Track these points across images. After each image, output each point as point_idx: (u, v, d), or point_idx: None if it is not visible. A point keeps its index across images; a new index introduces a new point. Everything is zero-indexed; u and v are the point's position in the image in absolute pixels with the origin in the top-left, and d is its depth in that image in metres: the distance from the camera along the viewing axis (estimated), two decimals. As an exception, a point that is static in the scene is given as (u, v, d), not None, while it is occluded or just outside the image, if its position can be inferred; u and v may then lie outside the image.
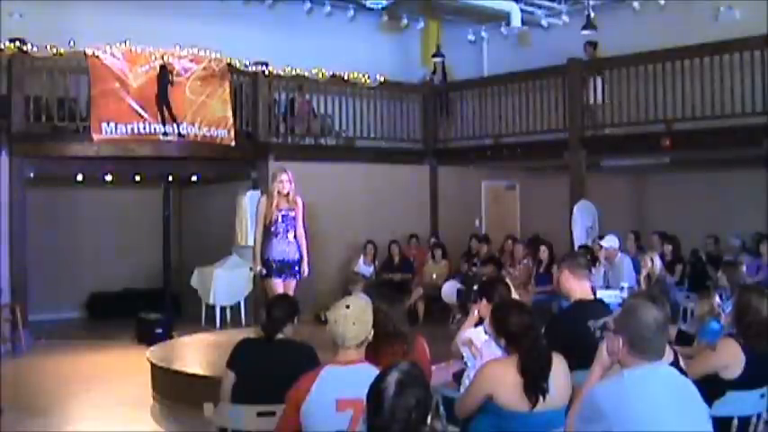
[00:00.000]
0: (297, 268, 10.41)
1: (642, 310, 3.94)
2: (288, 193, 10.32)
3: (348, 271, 16.22)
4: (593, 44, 16.81)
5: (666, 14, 16.82)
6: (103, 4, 15.83)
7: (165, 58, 14.32)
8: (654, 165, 16.52)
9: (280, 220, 10.28)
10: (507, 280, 7.48)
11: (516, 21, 18.19)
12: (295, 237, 10.39)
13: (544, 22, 19.20)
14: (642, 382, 3.81)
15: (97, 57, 13.89)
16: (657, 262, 11.58)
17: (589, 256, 12.92)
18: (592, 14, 17.08)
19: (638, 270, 12.06)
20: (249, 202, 15.41)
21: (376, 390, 3.28)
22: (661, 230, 14.52)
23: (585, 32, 16.94)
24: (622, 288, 11.52)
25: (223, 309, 15.54)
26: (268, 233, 10.33)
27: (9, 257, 13.64)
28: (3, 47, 13.63)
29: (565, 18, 18.82)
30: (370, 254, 16.15)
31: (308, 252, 10.61)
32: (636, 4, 17.48)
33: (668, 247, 13.72)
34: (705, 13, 16.25)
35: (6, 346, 13.20)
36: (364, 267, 16.10)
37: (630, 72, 15.52)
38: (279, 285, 10.15)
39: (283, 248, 10.29)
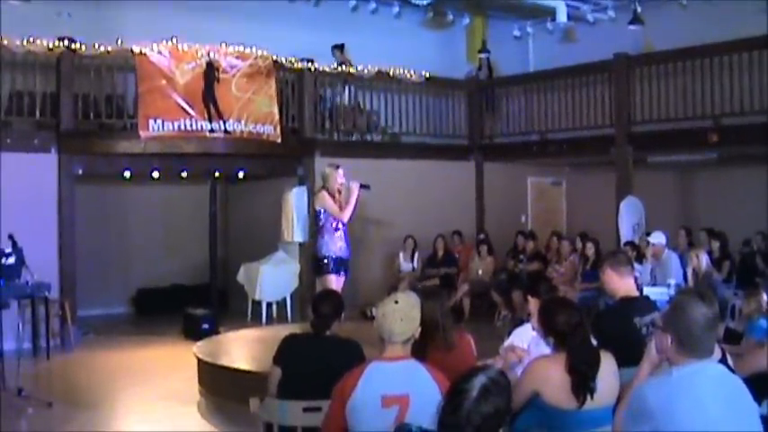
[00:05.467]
0: (347, 266, 10.47)
1: (691, 307, 3.86)
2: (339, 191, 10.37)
3: (393, 269, 16.23)
4: (339, 47, 16.62)
5: (714, 8, 16.62)
6: (150, 3, 15.92)
7: (212, 55, 14.36)
8: (701, 160, 16.38)
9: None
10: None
11: (562, 16, 18.07)
12: (345, 234, 10.43)
13: (590, 17, 19.05)
14: (691, 380, 3.75)
15: (144, 54, 13.98)
16: (704, 258, 11.50)
17: (635, 253, 12.88)
18: (638, 9, 16.96)
19: (685, 267, 11.98)
20: (295, 198, 15.46)
21: (459, 389, 3.24)
22: (708, 227, 14.39)
23: (632, 27, 16.83)
24: (669, 285, 11.43)
25: (269, 304, 15.64)
26: (324, 230, 10.36)
27: (58, 254, 13.79)
28: (51, 46, 13.75)
29: (611, 13, 18.70)
30: (410, 249, 16.08)
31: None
32: (683, -2, 17.36)
33: (716, 244, 13.57)
34: (754, 7, 16.05)
35: (56, 341, 13.33)
36: (404, 263, 16.08)
37: (678, 67, 15.40)
38: (334, 281, 10.16)
39: (341, 246, 10.34)
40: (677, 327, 3.88)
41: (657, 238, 13.05)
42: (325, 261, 10.31)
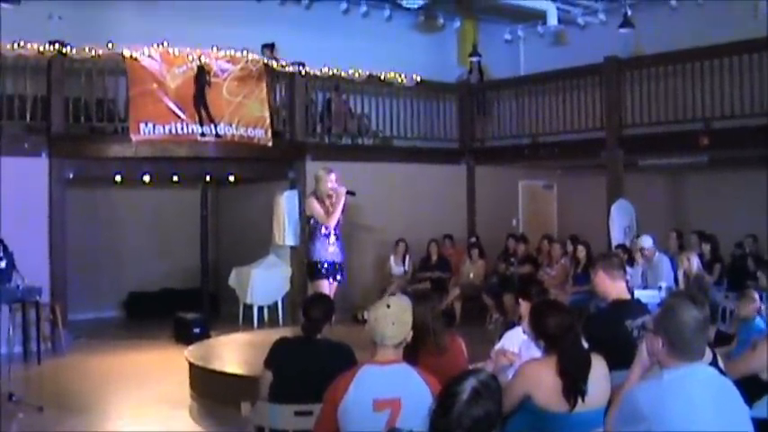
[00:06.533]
0: (341, 271, 10.42)
1: (682, 309, 3.86)
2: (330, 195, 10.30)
3: (384, 272, 16.22)
4: (269, 46, 16.47)
5: (704, 11, 16.69)
6: (141, 6, 15.96)
7: (203, 58, 14.35)
8: (692, 163, 16.38)
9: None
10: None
11: (553, 19, 18.09)
12: (338, 239, 10.39)
13: (581, 21, 19.11)
14: (682, 382, 3.76)
15: (135, 58, 13.96)
16: (695, 261, 11.49)
17: (626, 256, 12.86)
18: (629, 12, 16.97)
19: (676, 270, 11.97)
20: (286, 201, 15.45)
21: (450, 392, 3.23)
22: (699, 230, 14.39)
23: (623, 30, 16.85)
24: (660, 288, 11.43)
25: (260, 308, 15.56)
26: (315, 235, 10.29)
27: (49, 257, 13.74)
28: (42, 49, 13.72)
29: (601, 16, 18.74)
30: (401, 252, 16.08)
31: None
32: (673, 2, 17.36)
33: (707, 247, 13.57)
34: (744, 10, 16.09)
35: (47, 346, 13.29)
36: (395, 267, 16.08)
37: (668, 70, 15.44)
38: (326, 286, 10.12)
39: (333, 251, 10.25)
40: (668, 329, 3.87)
41: (646, 242, 13.03)
42: (318, 266, 10.23)
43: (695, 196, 17.62)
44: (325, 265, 10.20)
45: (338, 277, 10.33)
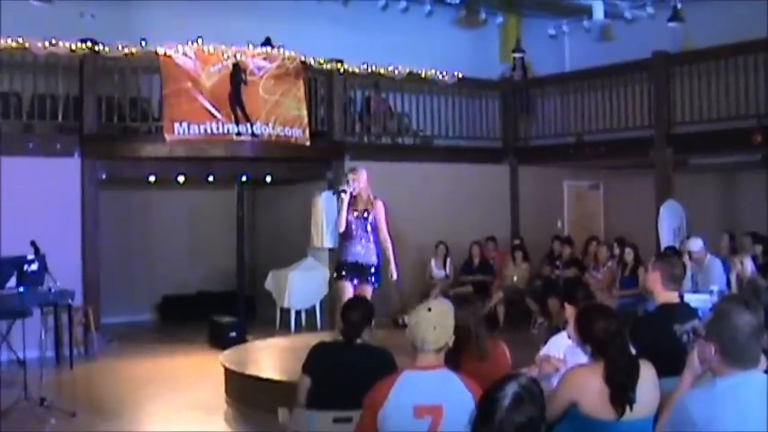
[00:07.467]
0: (373, 273, 10.10)
1: (735, 314, 3.76)
2: (360, 194, 10.02)
3: (425, 276, 16.04)
4: (266, 42, 15.70)
5: (757, 4, 16.27)
6: (175, 4, 15.99)
7: (238, 56, 14.34)
8: (744, 162, 16.13)
9: (353, 221, 10.01)
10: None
11: (599, 13, 17.84)
12: (374, 241, 10.11)
13: (628, 15, 18.74)
14: (735, 390, 3.65)
15: (169, 56, 13.97)
16: (749, 264, 11.16)
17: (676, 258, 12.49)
18: (678, 5, 16.69)
19: (728, 273, 11.65)
20: (325, 203, 15.21)
21: (491, 398, 3.14)
22: (752, 231, 14.04)
23: (672, 24, 16.52)
24: (712, 291, 11.09)
25: (298, 312, 15.52)
26: (345, 234, 10.10)
27: (82, 259, 13.78)
28: (74, 47, 13.73)
29: (649, 9, 18.39)
30: (442, 255, 15.97)
31: (394, 255, 10.34)
32: (724, -6, 17.02)
33: (760, 249, 13.20)
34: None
35: (79, 350, 13.36)
36: (436, 270, 15.95)
37: (719, 65, 15.15)
38: (349, 289, 9.89)
39: (357, 251, 10.02)
40: (721, 335, 3.78)
41: (695, 245, 12.67)
42: (339, 266, 10.17)
43: (748, 196, 17.32)
44: (347, 266, 10.03)
45: (360, 277, 10.03)
